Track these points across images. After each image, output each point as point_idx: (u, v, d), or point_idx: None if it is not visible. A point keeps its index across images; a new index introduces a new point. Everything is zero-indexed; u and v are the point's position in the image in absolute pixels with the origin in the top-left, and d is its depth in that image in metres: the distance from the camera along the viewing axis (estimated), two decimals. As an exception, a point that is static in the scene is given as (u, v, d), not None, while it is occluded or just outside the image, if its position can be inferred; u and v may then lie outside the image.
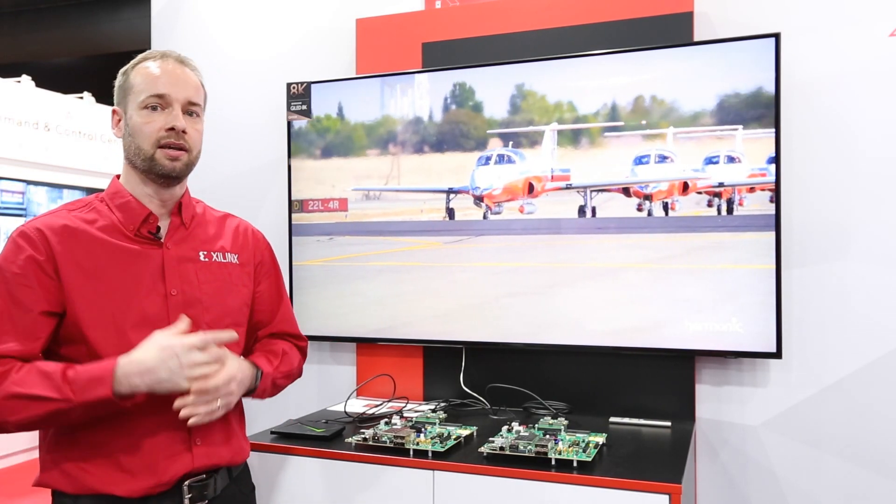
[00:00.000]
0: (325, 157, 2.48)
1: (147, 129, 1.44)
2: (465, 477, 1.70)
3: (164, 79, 1.45)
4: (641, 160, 2.13)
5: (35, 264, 1.35)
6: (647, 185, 2.13)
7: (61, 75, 7.92)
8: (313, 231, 2.50)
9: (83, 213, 1.45)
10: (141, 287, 1.43)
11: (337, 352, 2.59)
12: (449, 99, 2.33)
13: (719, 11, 2.17)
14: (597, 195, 2.19)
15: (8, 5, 7.08)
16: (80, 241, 1.40)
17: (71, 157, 6.79)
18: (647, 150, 2.12)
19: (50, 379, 1.28)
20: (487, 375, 2.31)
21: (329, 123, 2.46)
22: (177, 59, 1.50)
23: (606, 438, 1.84)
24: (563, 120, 2.20)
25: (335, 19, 2.61)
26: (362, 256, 2.44)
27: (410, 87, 2.38)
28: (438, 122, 2.34)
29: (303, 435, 1.94)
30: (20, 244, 1.37)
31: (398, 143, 2.39)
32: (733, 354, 2.06)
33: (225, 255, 1.57)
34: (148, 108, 1.44)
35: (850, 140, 2.05)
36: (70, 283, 1.37)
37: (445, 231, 2.34)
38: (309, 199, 2.50)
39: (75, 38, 7.08)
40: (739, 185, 2.04)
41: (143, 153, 1.44)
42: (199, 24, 2.83)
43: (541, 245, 2.24)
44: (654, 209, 2.13)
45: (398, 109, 2.38)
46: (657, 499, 1.54)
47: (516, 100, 2.25)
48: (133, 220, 1.46)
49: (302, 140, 2.50)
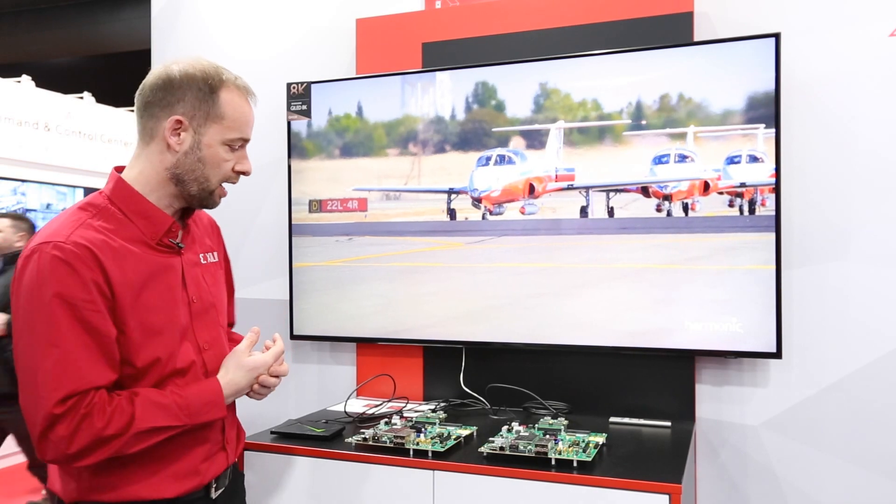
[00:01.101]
0: (343, 157, 2.45)
1: (225, 167, 1.42)
2: (465, 477, 1.70)
3: (252, 122, 1.46)
4: (661, 159, 2.09)
5: (97, 287, 1.26)
6: (666, 186, 2.10)
7: (61, 75, 7.92)
8: (330, 231, 2.47)
9: (104, 222, 1.34)
10: (174, 298, 1.40)
11: (337, 352, 2.59)
12: (464, 99, 2.30)
13: (719, 11, 2.17)
14: (615, 195, 2.15)
15: (8, 5, 7.09)
16: (123, 258, 1.32)
17: (71, 157, 6.79)
18: (667, 149, 2.09)
19: (167, 409, 1.32)
20: (487, 375, 2.31)
21: (348, 122, 2.44)
22: (254, 97, 1.48)
23: (606, 438, 1.84)
24: (588, 118, 2.16)
25: (335, 19, 2.61)
26: (373, 258, 2.44)
27: (413, 86, 2.37)
28: (461, 120, 2.31)
29: (303, 435, 1.94)
30: (74, 266, 1.25)
31: (418, 143, 2.36)
32: (733, 354, 2.06)
33: (214, 255, 1.57)
34: (231, 146, 1.42)
35: (850, 140, 2.05)
36: (122, 303, 1.30)
37: (444, 232, 2.34)
38: (328, 199, 2.47)
39: (75, 38, 7.08)
40: (762, 185, 2.01)
41: (208, 185, 1.41)
42: (199, 24, 2.83)
43: (541, 246, 2.24)
44: (673, 210, 2.10)
45: (418, 108, 2.35)
46: (657, 499, 1.54)
47: (539, 99, 2.22)
48: (157, 229, 1.39)
49: (321, 139, 2.47)
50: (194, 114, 1.37)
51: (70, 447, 1.23)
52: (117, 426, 1.25)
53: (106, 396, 1.27)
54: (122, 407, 1.27)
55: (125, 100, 7.99)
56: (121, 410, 1.27)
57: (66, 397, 1.22)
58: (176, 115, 1.36)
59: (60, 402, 1.22)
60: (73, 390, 1.23)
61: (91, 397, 1.25)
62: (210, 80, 1.38)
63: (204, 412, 1.38)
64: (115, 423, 1.25)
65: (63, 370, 1.23)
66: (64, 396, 1.22)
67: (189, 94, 1.37)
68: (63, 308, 1.24)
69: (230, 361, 1.47)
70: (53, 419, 1.22)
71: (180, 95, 1.37)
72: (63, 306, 1.24)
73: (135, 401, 1.29)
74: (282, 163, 2.58)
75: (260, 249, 2.68)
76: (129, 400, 1.29)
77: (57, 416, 1.22)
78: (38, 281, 1.25)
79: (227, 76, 1.41)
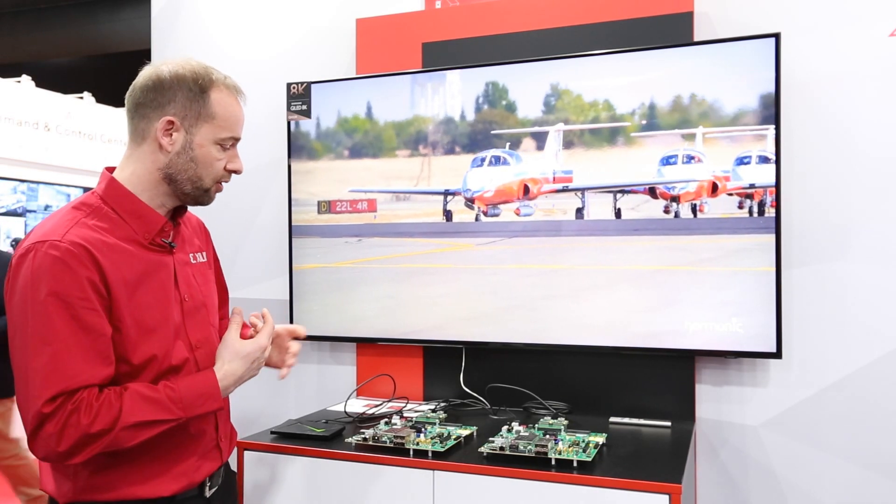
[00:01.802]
0: (353, 157, 2.45)
1: (217, 166, 1.43)
2: (465, 477, 1.70)
3: (243, 121, 1.47)
4: (669, 160, 2.07)
5: (92, 286, 1.27)
6: (674, 187, 2.08)
7: (61, 75, 7.92)
8: (339, 233, 2.45)
9: (98, 221, 1.35)
10: (167, 297, 1.42)
11: (337, 352, 2.59)
12: (476, 99, 2.28)
13: (719, 11, 2.17)
14: (622, 197, 2.14)
15: (8, 5, 7.09)
16: (119, 256, 1.33)
17: (71, 157, 6.80)
18: (675, 150, 2.07)
19: (158, 403, 1.31)
20: (487, 375, 2.32)
21: (357, 123, 2.43)
22: (243, 96, 1.48)
23: (606, 438, 1.84)
24: (599, 119, 2.15)
25: (335, 19, 2.61)
26: (375, 260, 2.44)
27: (423, 86, 2.37)
28: (471, 120, 2.30)
29: (303, 435, 1.94)
30: (70, 264, 1.25)
31: (428, 144, 2.35)
32: (733, 354, 2.06)
33: (203, 255, 1.58)
34: (222, 145, 1.43)
35: (850, 140, 2.05)
36: (119, 300, 1.31)
37: (441, 234, 2.34)
38: (336, 200, 2.46)
39: (75, 38, 7.08)
40: (772, 187, 1.99)
41: (202, 185, 1.43)
42: (199, 24, 2.83)
43: (540, 247, 2.24)
44: (681, 211, 2.09)
45: (427, 108, 2.34)
46: (657, 499, 1.54)
47: (550, 99, 2.20)
48: (150, 229, 1.40)
49: (330, 140, 2.46)
50: (185, 114, 1.38)
51: (59, 445, 1.23)
52: (104, 422, 1.25)
53: (95, 393, 1.26)
54: (110, 402, 1.27)
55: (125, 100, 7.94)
56: (108, 406, 1.26)
57: (55, 396, 1.23)
58: (167, 115, 1.37)
59: (49, 400, 1.22)
60: (62, 389, 1.23)
61: (79, 395, 1.25)
62: (200, 80, 1.39)
63: (198, 404, 1.36)
64: (101, 418, 1.25)
65: (54, 369, 1.23)
66: (53, 395, 1.23)
67: (180, 95, 1.38)
68: (58, 306, 1.24)
69: (224, 352, 1.45)
70: (42, 418, 1.23)
71: (171, 96, 1.37)
72: (58, 304, 1.24)
73: (123, 395, 1.29)
74: (282, 163, 2.58)
75: (260, 249, 2.68)
76: (117, 395, 1.28)
77: (46, 414, 1.22)
78: (33, 279, 1.25)
79: (216, 76, 1.42)
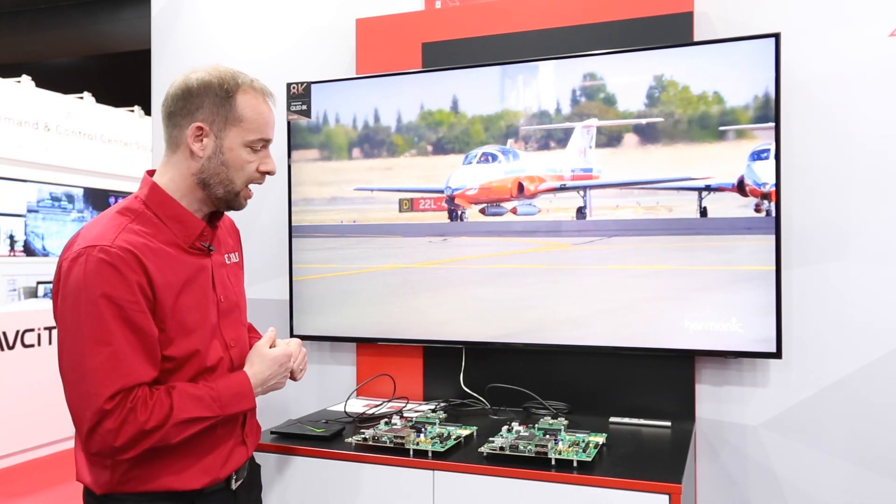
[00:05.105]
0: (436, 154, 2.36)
1: (249, 168, 1.48)
2: (465, 477, 1.70)
3: (272, 122, 1.50)
4: (760, 155, 1.97)
5: (140, 289, 1.33)
6: (765, 184, 1.97)
7: (61, 75, 7.92)
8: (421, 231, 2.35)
9: (142, 226, 1.40)
10: (206, 299, 1.48)
11: (337, 352, 2.59)
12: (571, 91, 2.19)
13: (719, 11, 2.17)
14: (708, 195, 2.05)
15: (8, 5, 7.09)
16: (163, 260, 1.39)
17: (71, 157, 6.80)
18: (767, 144, 1.98)
19: (202, 401, 1.40)
20: (487, 375, 2.31)
21: (441, 117, 2.34)
22: (272, 97, 1.52)
23: (606, 438, 1.84)
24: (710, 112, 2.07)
25: (335, 19, 2.61)
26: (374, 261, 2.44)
27: (514, 79, 2.23)
28: (566, 114, 2.19)
29: (303, 435, 1.94)
30: (120, 269, 1.31)
31: (520, 139, 2.27)
32: (733, 354, 2.06)
33: (235, 255, 1.65)
34: (252, 147, 1.47)
35: (850, 140, 2.05)
36: (163, 303, 1.37)
37: (443, 233, 2.34)
38: (419, 198, 2.35)
39: (75, 38, 7.08)
40: None
41: (233, 188, 1.48)
42: (199, 24, 2.83)
43: (540, 247, 2.24)
44: (771, 209, 1.98)
45: (518, 102, 2.26)
46: (657, 499, 1.54)
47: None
48: (190, 233, 1.46)
49: (412, 134, 2.36)
50: (214, 119, 1.43)
51: (116, 440, 1.29)
52: (158, 418, 1.32)
53: (147, 391, 1.34)
54: (162, 399, 1.34)
55: (125, 100, 7.97)
56: (160, 403, 1.34)
57: (115, 394, 1.29)
58: (196, 121, 1.43)
59: (110, 398, 1.29)
60: (122, 386, 1.30)
61: (136, 392, 1.32)
62: (226, 84, 1.44)
63: (234, 403, 1.45)
64: (155, 415, 1.32)
65: (113, 367, 1.30)
66: (114, 392, 1.29)
67: (207, 101, 1.43)
68: (110, 308, 1.30)
69: (254, 355, 1.55)
70: (103, 414, 1.29)
71: (199, 103, 1.43)
72: (110, 306, 1.30)
73: (172, 393, 1.36)
74: (281, 162, 2.58)
75: (264, 249, 2.68)
76: (167, 393, 1.36)
77: (106, 411, 1.29)
78: (84, 282, 1.30)
79: (242, 79, 1.47)
